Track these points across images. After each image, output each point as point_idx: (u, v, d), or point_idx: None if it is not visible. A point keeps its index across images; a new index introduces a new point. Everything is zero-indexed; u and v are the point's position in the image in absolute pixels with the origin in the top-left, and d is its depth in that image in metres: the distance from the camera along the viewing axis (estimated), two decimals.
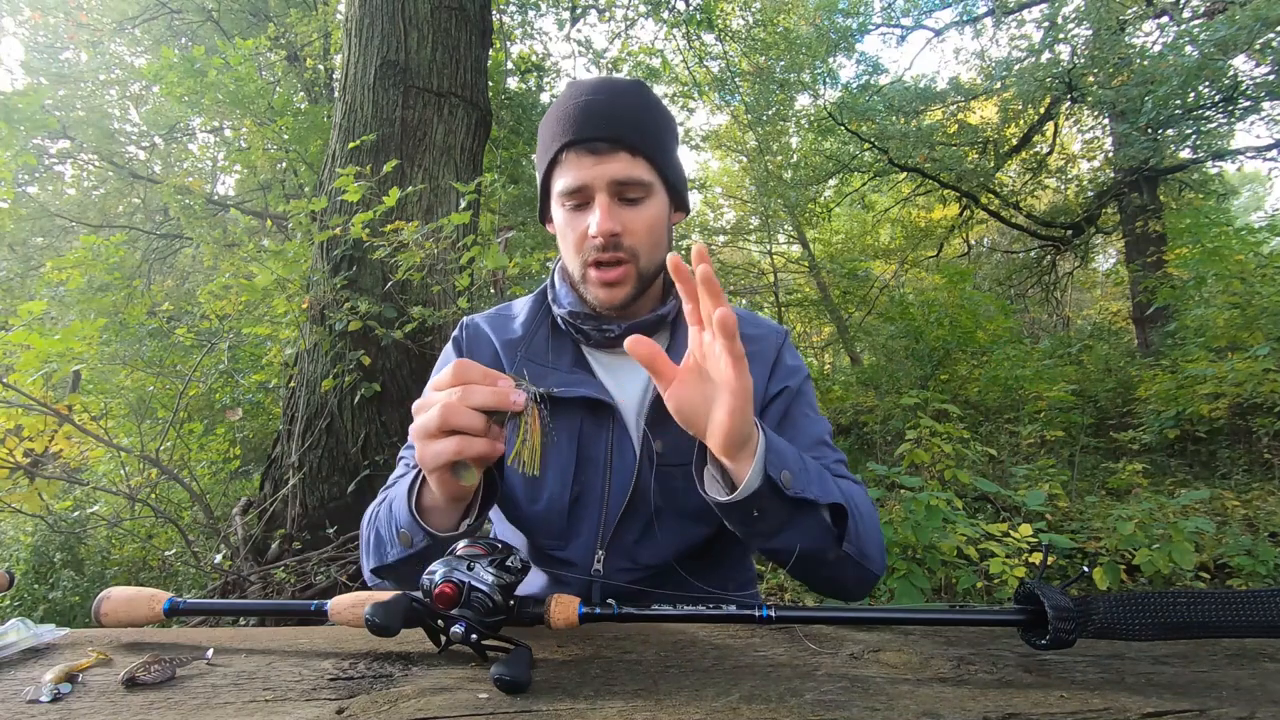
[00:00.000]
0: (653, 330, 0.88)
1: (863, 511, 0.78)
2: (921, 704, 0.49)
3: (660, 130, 0.83)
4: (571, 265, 0.85)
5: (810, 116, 10.37)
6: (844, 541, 0.73)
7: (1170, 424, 5.07)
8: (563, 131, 0.79)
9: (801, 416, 0.89)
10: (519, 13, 7.41)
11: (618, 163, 0.78)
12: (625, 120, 0.79)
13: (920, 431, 3.24)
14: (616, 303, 0.82)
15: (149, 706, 0.50)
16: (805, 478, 0.70)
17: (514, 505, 0.87)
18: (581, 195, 0.80)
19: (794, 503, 0.68)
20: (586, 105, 0.79)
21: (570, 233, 0.82)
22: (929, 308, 6.67)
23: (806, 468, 0.72)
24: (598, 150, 0.78)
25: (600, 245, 0.79)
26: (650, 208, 0.82)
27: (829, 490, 0.73)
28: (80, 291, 3.72)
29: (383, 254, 2.60)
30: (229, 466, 4.16)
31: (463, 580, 0.55)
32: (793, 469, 0.69)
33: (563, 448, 0.84)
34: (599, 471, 0.84)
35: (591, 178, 0.78)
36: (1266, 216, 8.53)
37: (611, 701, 0.49)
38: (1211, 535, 2.86)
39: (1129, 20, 7.71)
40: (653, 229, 0.82)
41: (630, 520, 0.83)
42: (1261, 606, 0.54)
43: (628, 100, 0.81)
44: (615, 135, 0.78)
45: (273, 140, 5.65)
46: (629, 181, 0.79)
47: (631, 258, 0.81)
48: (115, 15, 7.98)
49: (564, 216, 0.83)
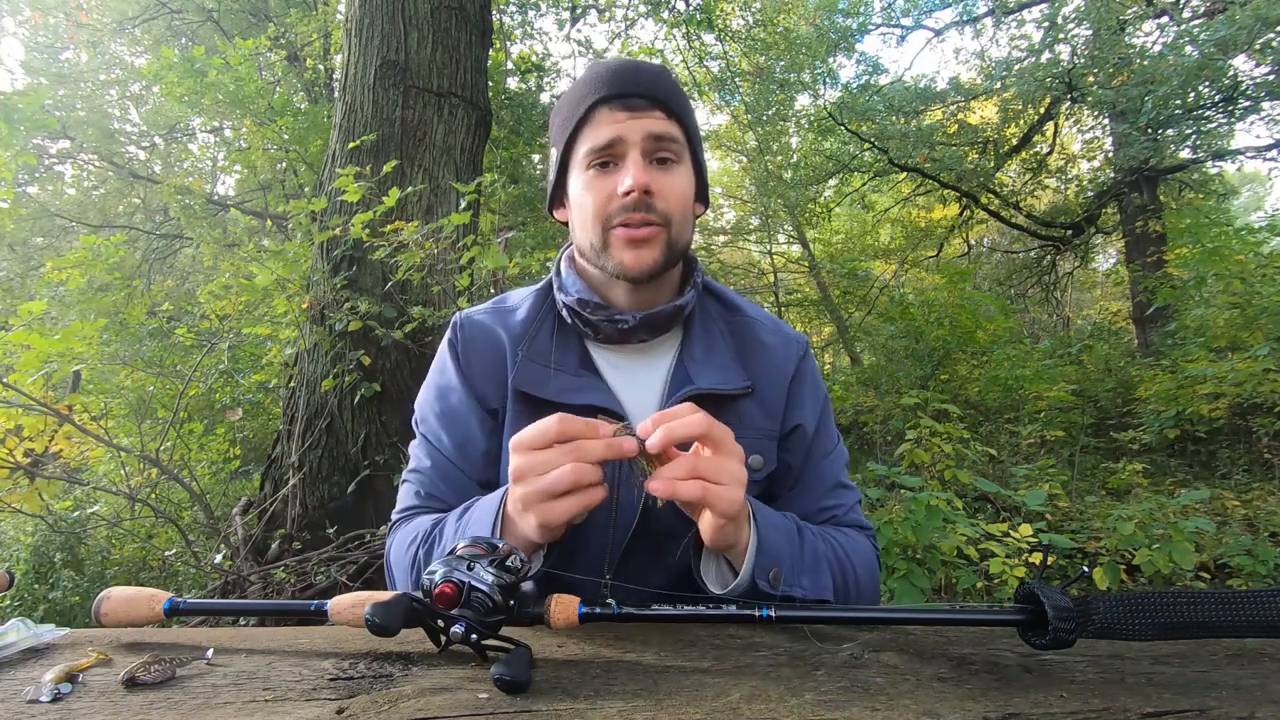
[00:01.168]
0: (669, 323, 0.82)
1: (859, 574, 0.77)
2: (921, 704, 0.49)
3: (691, 110, 0.80)
4: (589, 234, 0.77)
5: (810, 116, 10.38)
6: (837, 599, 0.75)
7: (1170, 424, 5.07)
8: (594, 90, 0.75)
9: (822, 458, 0.86)
10: (519, 13, 7.42)
11: (653, 119, 0.74)
12: (660, 84, 0.76)
13: (920, 431, 3.24)
14: (645, 267, 0.75)
15: (149, 706, 0.50)
16: (797, 570, 0.70)
17: None
18: (611, 151, 0.74)
19: (779, 597, 0.69)
20: (619, 68, 0.76)
21: (592, 196, 0.75)
22: (929, 308, 6.68)
23: (803, 555, 0.72)
24: (633, 105, 0.74)
25: (631, 204, 0.73)
26: (683, 175, 0.77)
27: (821, 584, 0.73)
28: (80, 291, 3.72)
29: (383, 254, 2.60)
30: (229, 466, 4.17)
31: (463, 580, 0.55)
32: (784, 563, 0.69)
33: None
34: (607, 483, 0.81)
35: (626, 130, 0.73)
36: (1266, 216, 8.53)
37: (611, 701, 0.49)
38: (1211, 535, 2.86)
39: (1129, 20, 7.71)
40: (684, 198, 0.77)
41: (640, 546, 0.78)
42: (1261, 606, 0.54)
43: (660, 73, 0.78)
44: (652, 93, 0.74)
45: (273, 140, 5.65)
46: (665, 136, 0.74)
47: (664, 223, 0.75)
48: (115, 15, 7.98)
49: (586, 180, 0.76)
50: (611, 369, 0.82)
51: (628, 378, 0.82)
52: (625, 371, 0.82)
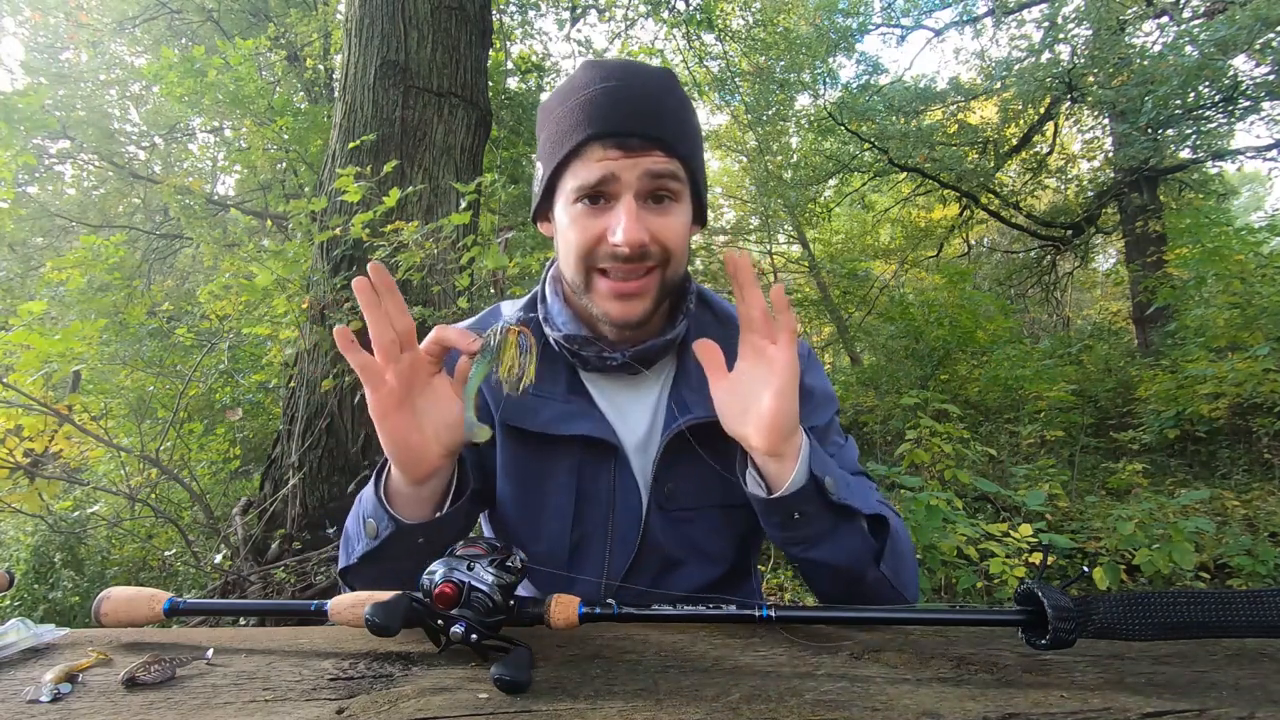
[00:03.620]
0: (660, 355, 0.78)
1: (900, 535, 0.75)
2: (921, 704, 0.49)
3: (694, 130, 0.73)
4: (573, 272, 0.72)
5: (810, 116, 10.38)
6: (881, 561, 0.70)
7: (1170, 424, 5.07)
8: (587, 121, 0.67)
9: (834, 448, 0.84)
10: (519, 13, 7.42)
11: (652, 158, 0.68)
12: (660, 115, 0.69)
13: (920, 431, 3.24)
14: (632, 318, 0.71)
15: (149, 706, 0.50)
16: (847, 489, 0.68)
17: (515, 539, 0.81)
18: (603, 189, 0.68)
19: (836, 509, 0.66)
20: (614, 92, 0.68)
21: (579, 232, 0.69)
22: (929, 308, 6.67)
23: (848, 481, 0.70)
24: (629, 146, 0.67)
25: (625, 256, 0.68)
26: (680, 213, 0.72)
27: (870, 503, 0.71)
28: (80, 291, 3.72)
29: (383, 254, 2.59)
30: (229, 466, 4.16)
31: (463, 580, 0.55)
32: (835, 477, 0.67)
33: (561, 486, 0.76)
34: (601, 512, 0.77)
35: (620, 169, 0.67)
36: (1266, 216, 8.53)
37: (611, 701, 0.49)
38: (1211, 535, 2.86)
39: (1129, 20, 7.71)
40: (681, 237, 0.72)
41: (641, 567, 0.77)
42: (1261, 606, 0.54)
43: (660, 92, 0.70)
44: (650, 131, 0.67)
45: (273, 140, 5.65)
46: (664, 174, 0.68)
47: (659, 263, 0.70)
48: (115, 15, 7.98)
49: (573, 214, 0.70)
50: (603, 396, 0.79)
51: (619, 405, 0.79)
52: (617, 398, 0.79)
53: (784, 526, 0.66)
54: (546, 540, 0.78)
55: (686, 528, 0.77)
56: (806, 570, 0.73)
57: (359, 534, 0.70)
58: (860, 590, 0.72)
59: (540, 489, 0.78)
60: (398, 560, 0.67)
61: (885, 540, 0.71)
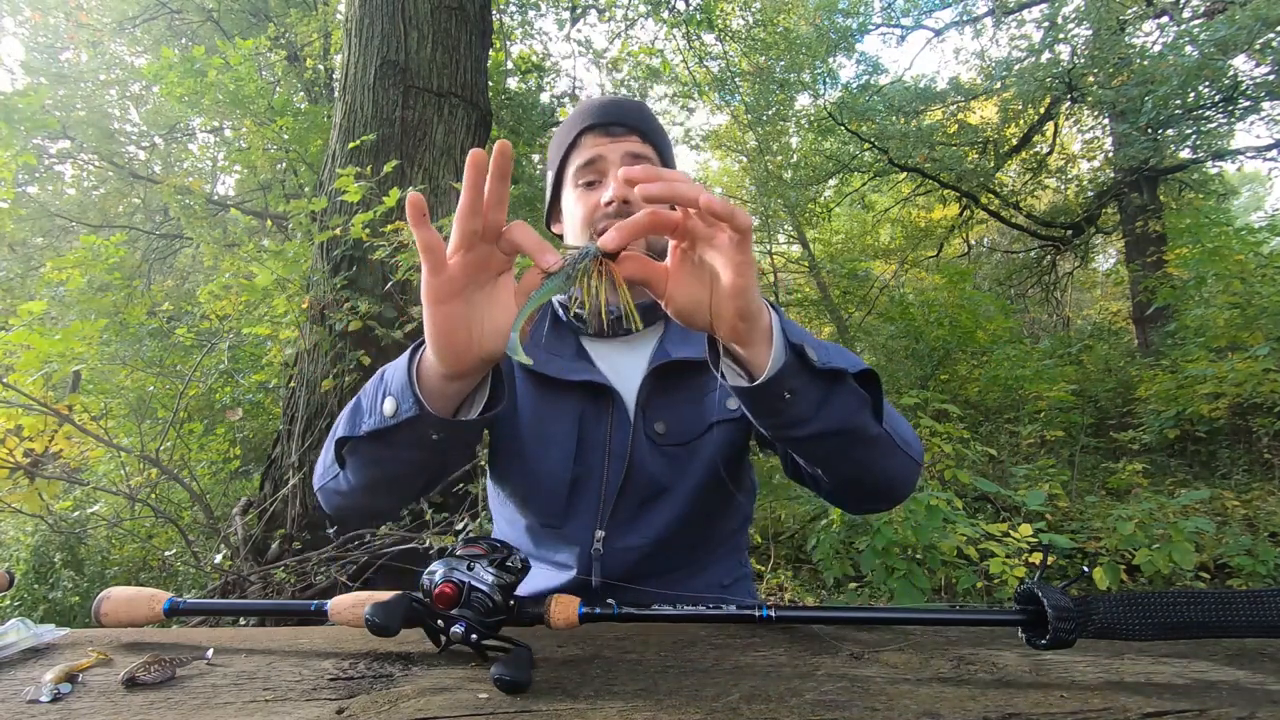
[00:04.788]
0: (652, 315, 0.93)
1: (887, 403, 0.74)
2: (921, 704, 0.49)
3: (666, 136, 0.96)
4: (578, 240, 0.89)
5: (810, 116, 10.38)
6: (882, 417, 0.69)
7: (1170, 424, 5.07)
8: (581, 120, 0.91)
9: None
10: (519, 13, 7.42)
11: (630, 142, 0.89)
12: (640, 113, 0.93)
13: (920, 431, 3.24)
14: None
15: (149, 706, 0.50)
16: (827, 352, 0.66)
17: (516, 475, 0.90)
18: (595, 169, 0.88)
19: (824, 375, 0.63)
20: (601, 102, 0.92)
21: (581, 208, 0.88)
22: (929, 308, 6.68)
23: (825, 346, 0.68)
24: (613, 132, 0.89)
25: (614, 212, 0.84)
26: None
27: (854, 360, 0.71)
28: (80, 291, 3.71)
29: (383, 254, 2.60)
30: (229, 466, 4.16)
31: (463, 580, 0.56)
32: (812, 344, 0.64)
33: (564, 430, 0.87)
34: (599, 454, 0.87)
35: (607, 151, 0.88)
36: (1266, 216, 8.53)
37: (611, 701, 0.49)
38: (1211, 535, 2.87)
39: (1129, 20, 7.71)
40: None
41: (628, 496, 0.86)
42: (1261, 606, 0.54)
43: (638, 104, 0.95)
44: (629, 122, 0.90)
45: (273, 140, 5.65)
46: (641, 156, 0.89)
47: None
48: (115, 15, 7.97)
49: (575, 195, 0.90)
50: (603, 360, 0.93)
51: (618, 365, 0.92)
52: (615, 360, 0.93)
53: (776, 412, 0.64)
54: (546, 474, 0.87)
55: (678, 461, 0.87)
56: (809, 452, 0.71)
57: (373, 409, 0.68)
58: (868, 452, 0.70)
59: (546, 430, 0.89)
60: (400, 449, 0.67)
61: (879, 392, 0.70)
